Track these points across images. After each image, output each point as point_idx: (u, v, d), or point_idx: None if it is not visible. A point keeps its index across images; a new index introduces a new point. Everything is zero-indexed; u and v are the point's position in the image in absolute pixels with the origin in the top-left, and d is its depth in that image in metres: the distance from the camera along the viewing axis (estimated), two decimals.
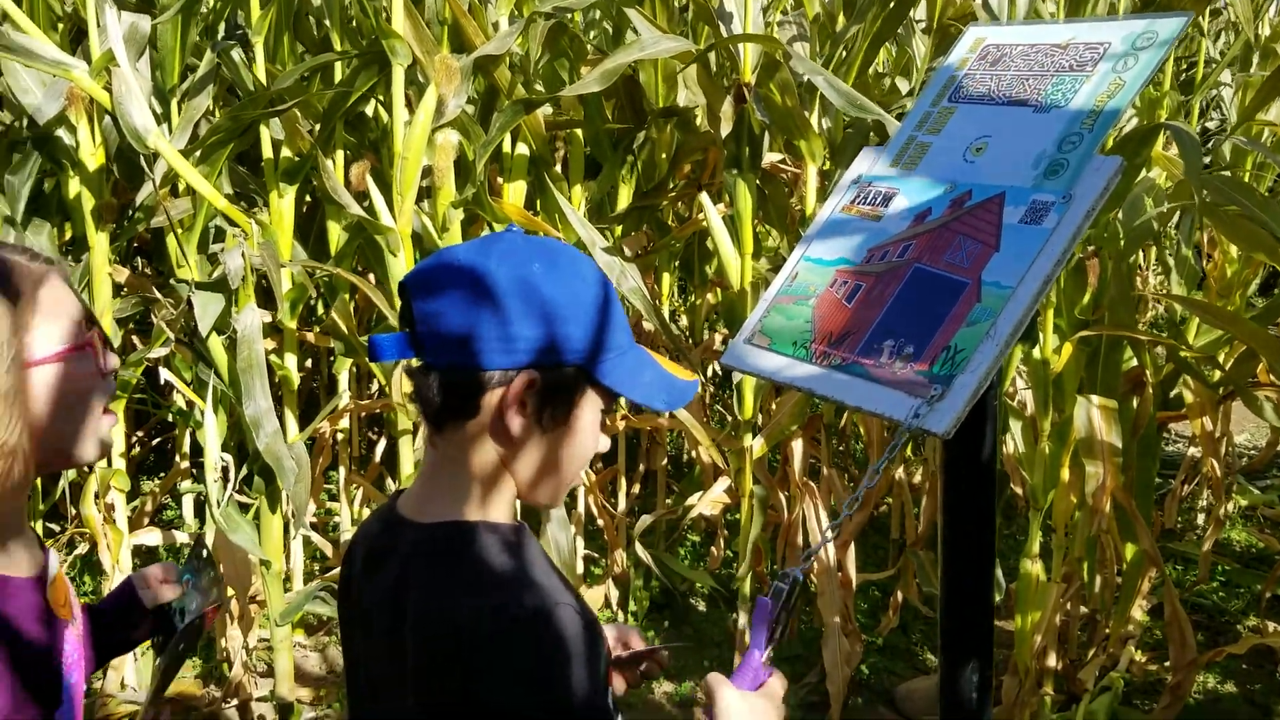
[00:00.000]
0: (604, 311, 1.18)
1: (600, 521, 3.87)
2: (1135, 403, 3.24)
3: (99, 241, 3.15)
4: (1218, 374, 3.58)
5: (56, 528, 4.13)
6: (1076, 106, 1.30)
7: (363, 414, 4.39)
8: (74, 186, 3.22)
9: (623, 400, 3.92)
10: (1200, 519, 4.63)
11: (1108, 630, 3.43)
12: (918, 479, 4.41)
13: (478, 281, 1.13)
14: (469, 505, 1.18)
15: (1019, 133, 1.35)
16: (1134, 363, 3.31)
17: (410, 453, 3.18)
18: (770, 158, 3.48)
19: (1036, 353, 2.95)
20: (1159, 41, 1.27)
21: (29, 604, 1.19)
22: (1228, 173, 3.72)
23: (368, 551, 1.26)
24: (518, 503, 1.26)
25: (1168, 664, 3.34)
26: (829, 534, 1.36)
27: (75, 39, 3.54)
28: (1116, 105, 1.25)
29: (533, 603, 1.10)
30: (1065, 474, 3.01)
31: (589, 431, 1.21)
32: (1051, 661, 3.14)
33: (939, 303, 1.28)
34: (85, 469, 3.72)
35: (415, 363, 1.20)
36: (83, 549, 4.04)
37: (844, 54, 3.37)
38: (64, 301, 1.19)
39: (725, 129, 2.97)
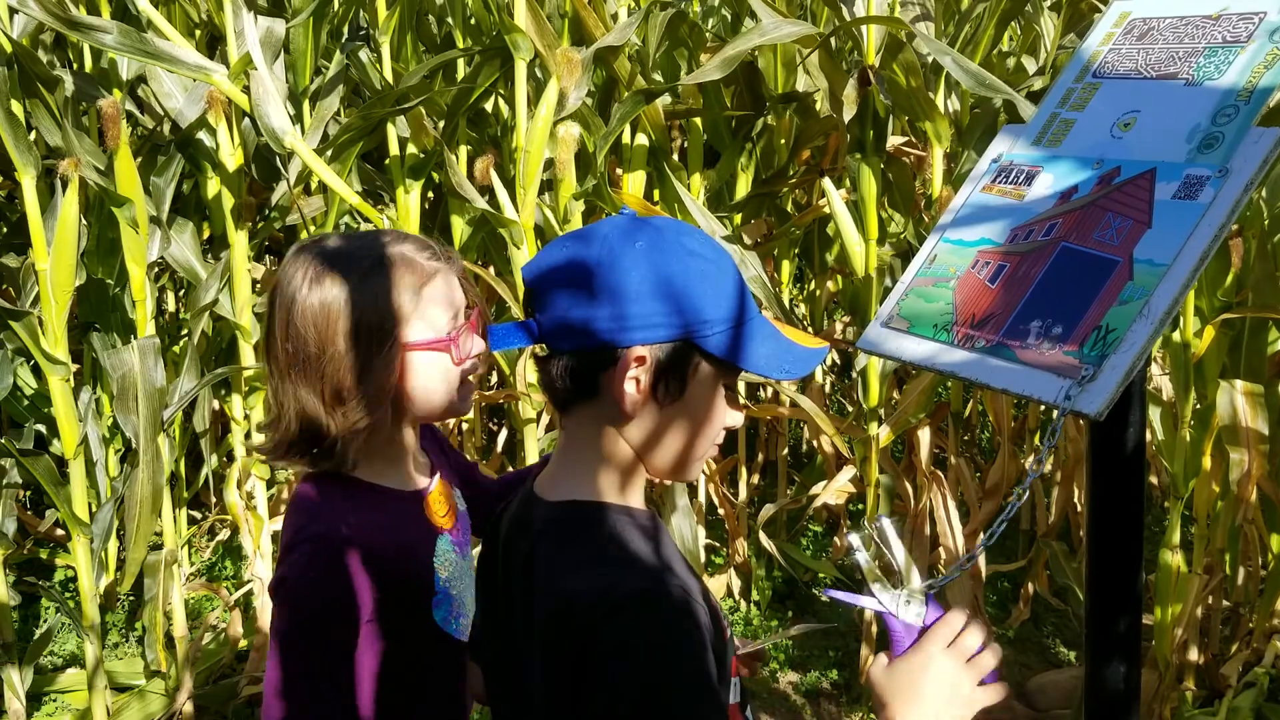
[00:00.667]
0: (715, 283, 1.18)
1: (721, 511, 3.87)
2: None
3: (238, 240, 3.27)
4: None
5: (200, 515, 4.30)
6: (1231, 79, 1.25)
7: (485, 404, 4.47)
8: (213, 187, 3.35)
9: (741, 388, 3.90)
10: None
11: (1251, 624, 3.30)
12: (1048, 469, 4.30)
13: (584, 263, 1.15)
14: (597, 485, 1.20)
15: (1170, 107, 1.30)
16: (1279, 346, 3.18)
17: (533, 442, 3.23)
18: (893, 141, 3.43)
19: (1176, 336, 2.85)
20: None
21: (405, 512, 1.48)
22: None
23: (507, 528, 1.30)
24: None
25: None
26: (979, 549, 1.32)
27: (210, 45, 3.68)
28: (1274, 76, 1.20)
29: (647, 582, 1.12)
30: (1207, 462, 2.91)
31: (711, 405, 1.21)
32: (1193, 656, 3.04)
33: (1088, 282, 1.24)
34: (226, 458, 3.87)
35: (541, 350, 1.23)
36: (224, 535, 4.21)
37: (969, 33, 3.29)
38: (442, 299, 1.44)
39: (848, 113, 2.93)
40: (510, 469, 4.57)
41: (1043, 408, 3.69)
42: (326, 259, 1.41)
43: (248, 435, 3.47)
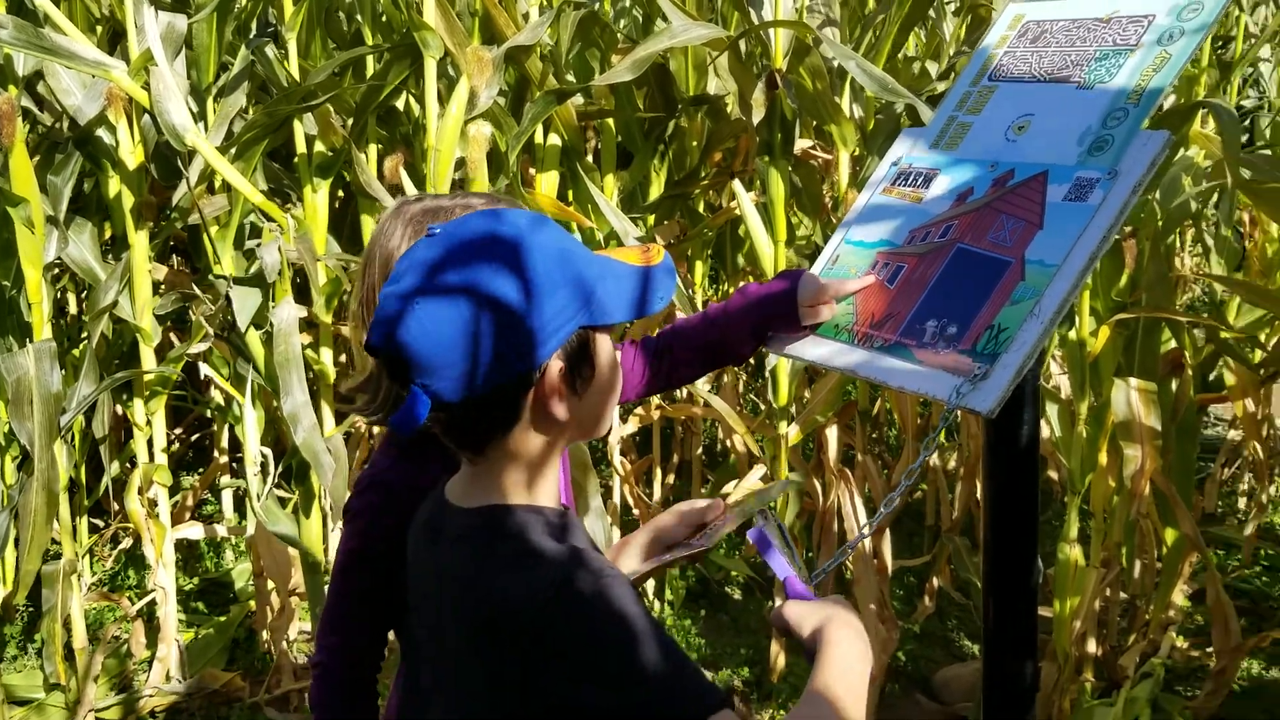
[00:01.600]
0: (577, 258, 1.14)
1: (636, 511, 3.88)
2: (1174, 385, 3.21)
3: (139, 240, 3.18)
4: (1259, 355, 3.55)
5: (101, 523, 4.18)
6: (1121, 82, 1.29)
7: None
8: (114, 186, 3.26)
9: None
10: (1241, 503, 4.58)
11: (1148, 616, 3.40)
12: (952, 465, 4.39)
13: (469, 306, 1.08)
14: (508, 489, 1.18)
15: (1062, 110, 1.34)
16: (1172, 344, 3.28)
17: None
18: (801, 144, 3.47)
19: (1073, 335, 2.93)
20: (1204, 13, 1.26)
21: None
22: (1268, 150, 3.68)
23: (417, 538, 1.27)
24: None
25: (1209, 650, 3.31)
26: (867, 529, 1.35)
27: (112, 40, 3.58)
28: (1163, 79, 1.24)
29: (572, 567, 1.09)
30: (1103, 458, 2.99)
31: (611, 359, 1.21)
32: (1091, 648, 3.12)
33: (982, 282, 1.27)
34: (128, 464, 3.77)
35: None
36: (127, 543, 4.09)
37: (874, 39, 3.35)
38: None
39: (757, 116, 2.96)
40: None
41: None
42: (425, 216, 1.41)
43: (150, 441, 3.39)
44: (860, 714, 1.09)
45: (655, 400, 3.78)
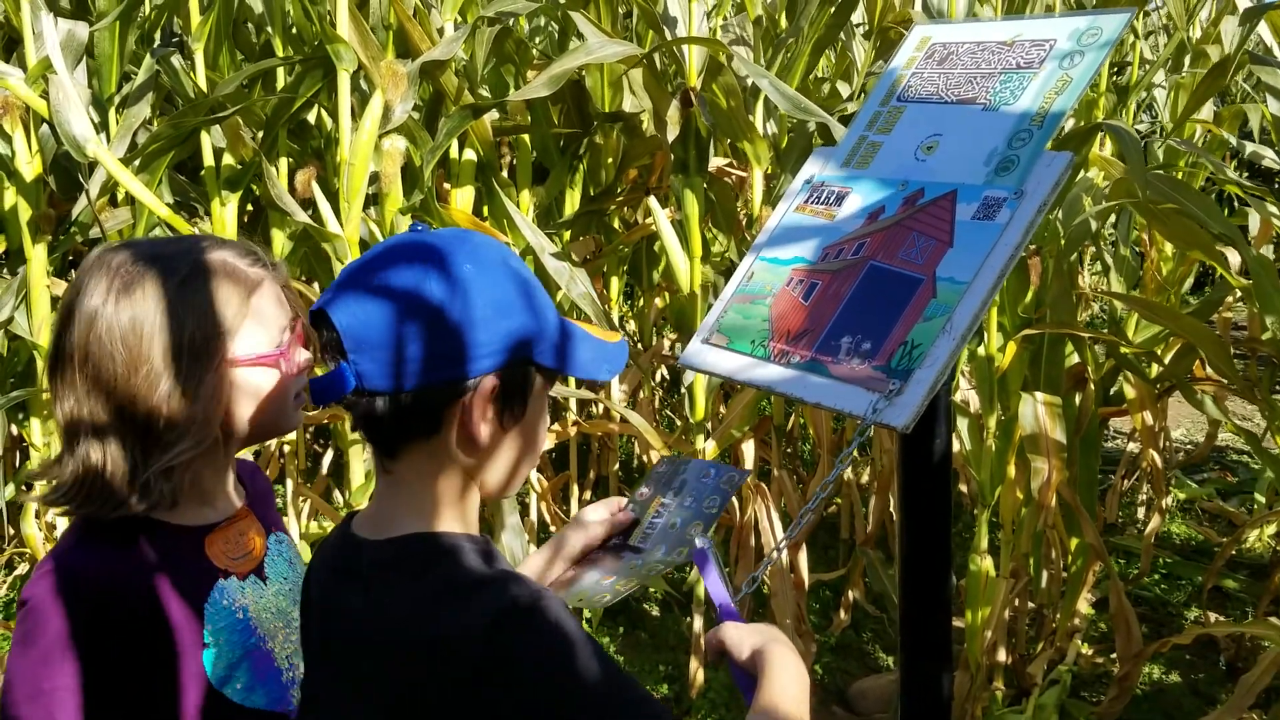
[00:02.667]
0: (535, 296, 1.14)
1: (554, 528, 3.86)
2: (1077, 399, 3.30)
3: (36, 254, 3.08)
4: (1156, 370, 3.66)
5: None
6: (1025, 103, 1.32)
7: (309, 425, 4.34)
8: (9, 198, 3.15)
9: (572, 404, 3.89)
10: (1140, 513, 4.72)
11: (1054, 624, 3.48)
12: (865, 479, 4.45)
13: (412, 295, 1.08)
14: (432, 518, 1.13)
15: (969, 130, 1.37)
16: (1075, 360, 3.37)
17: (359, 464, 3.15)
18: (716, 162, 3.50)
19: (981, 351, 2.99)
20: (1104, 37, 1.30)
21: (178, 549, 1.31)
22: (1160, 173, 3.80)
23: (324, 579, 1.20)
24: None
25: (1114, 656, 3.40)
26: (783, 543, 1.37)
27: (8, 47, 3.47)
28: (1065, 101, 1.28)
29: (506, 597, 1.05)
30: (1011, 470, 3.06)
31: (542, 417, 1.20)
32: (1001, 656, 3.19)
33: (895, 299, 1.29)
34: (25, 487, 3.63)
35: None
36: (23, 569, 3.94)
37: (786, 58, 3.40)
38: (269, 311, 1.33)
39: (672, 133, 2.98)
40: (336, 491, 4.44)
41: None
42: (135, 266, 1.26)
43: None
44: None
45: (572, 416, 3.77)
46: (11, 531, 3.83)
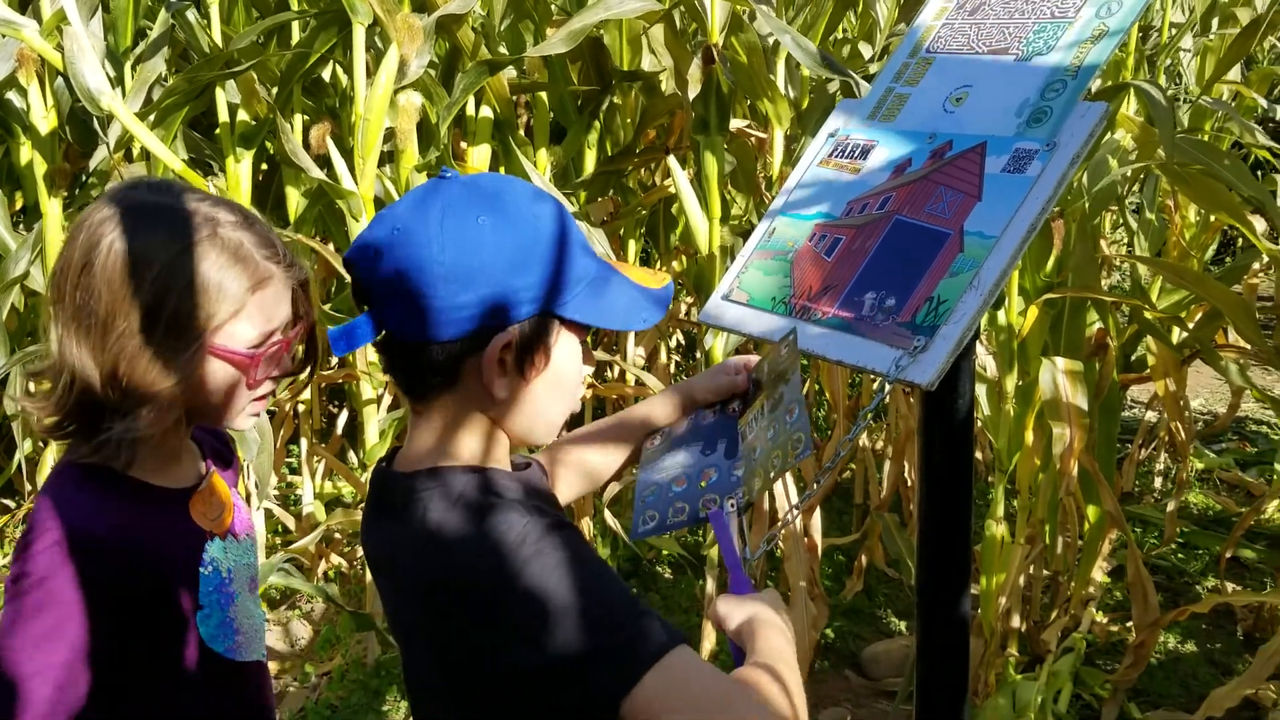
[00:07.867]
0: (563, 245, 1.14)
1: None
2: (1098, 365, 3.26)
3: (51, 209, 3.07)
4: (1178, 336, 3.62)
5: (12, 503, 4.05)
6: (1059, 53, 1.29)
7: (324, 385, 4.33)
8: (25, 153, 3.14)
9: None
10: (1157, 482, 4.69)
11: (1069, 592, 3.47)
12: (880, 444, 4.43)
13: (428, 248, 1.08)
14: (458, 452, 1.16)
15: (1000, 82, 1.33)
16: (1097, 325, 3.33)
17: (374, 424, 3.14)
18: (736, 124, 3.45)
19: (1001, 316, 2.96)
20: None
21: (170, 512, 1.31)
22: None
23: (368, 511, 1.25)
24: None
25: (1128, 624, 3.38)
26: (799, 506, 1.37)
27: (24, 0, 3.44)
28: (1101, 51, 1.24)
29: (528, 522, 1.06)
30: (1029, 437, 3.03)
31: (574, 364, 1.19)
32: (1015, 623, 3.17)
33: (920, 254, 1.26)
34: (41, 442, 3.64)
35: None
36: None
37: (809, 17, 3.34)
38: (266, 309, 1.27)
39: (693, 91, 2.93)
40: (351, 451, 4.45)
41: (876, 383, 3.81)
42: (152, 209, 1.23)
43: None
44: (797, 682, 1.10)
45: (587, 379, 3.75)
46: (30, 487, 3.85)
